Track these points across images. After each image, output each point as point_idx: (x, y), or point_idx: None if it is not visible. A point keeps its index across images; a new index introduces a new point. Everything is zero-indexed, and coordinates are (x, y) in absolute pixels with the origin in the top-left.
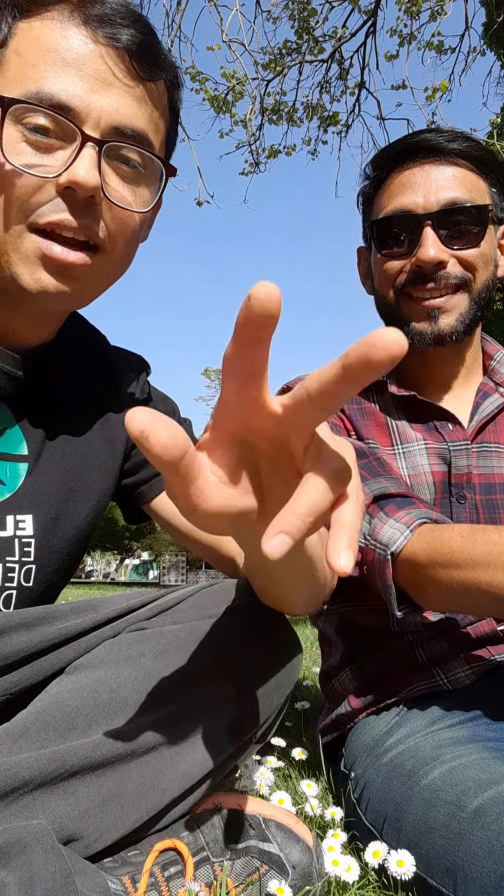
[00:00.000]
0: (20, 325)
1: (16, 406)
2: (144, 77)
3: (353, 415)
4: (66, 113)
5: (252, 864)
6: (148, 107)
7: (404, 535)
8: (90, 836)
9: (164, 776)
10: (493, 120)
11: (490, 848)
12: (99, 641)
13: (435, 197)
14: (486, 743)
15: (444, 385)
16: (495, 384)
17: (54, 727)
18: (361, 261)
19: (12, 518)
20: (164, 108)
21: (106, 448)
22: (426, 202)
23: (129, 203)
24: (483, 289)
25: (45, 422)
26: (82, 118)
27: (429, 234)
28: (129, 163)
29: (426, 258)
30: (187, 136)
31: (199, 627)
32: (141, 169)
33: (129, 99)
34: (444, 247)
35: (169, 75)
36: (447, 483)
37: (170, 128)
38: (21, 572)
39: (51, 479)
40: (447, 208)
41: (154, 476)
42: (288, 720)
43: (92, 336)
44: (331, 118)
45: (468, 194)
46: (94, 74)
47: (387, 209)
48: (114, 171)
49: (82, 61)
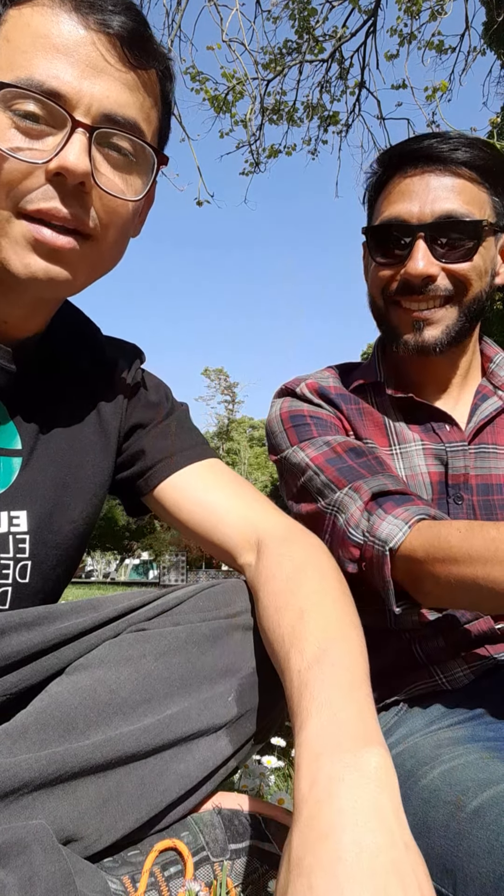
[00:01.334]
0: (11, 315)
1: (9, 399)
2: (136, 64)
3: (351, 415)
4: (57, 99)
5: (252, 864)
6: (139, 95)
7: (403, 531)
8: (90, 837)
9: (164, 777)
10: (493, 120)
11: (489, 848)
12: (99, 642)
13: (430, 208)
14: (486, 743)
15: (441, 387)
16: (494, 387)
17: (54, 728)
18: (366, 255)
19: (6, 514)
20: (155, 98)
21: (100, 441)
22: (421, 213)
23: (121, 191)
24: (474, 301)
25: (39, 416)
26: (73, 104)
27: (420, 247)
28: (121, 151)
29: (414, 272)
30: (187, 136)
31: (199, 629)
32: (132, 157)
33: (120, 86)
34: (434, 260)
35: (161, 65)
36: (444, 484)
37: (162, 119)
38: (16, 569)
39: (45, 474)
40: (441, 221)
41: (150, 468)
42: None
43: (85, 327)
44: (331, 118)
45: (465, 207)
46: (85, 60)
47: (383, 216)
48: (105, 158)
49: (73, 47)
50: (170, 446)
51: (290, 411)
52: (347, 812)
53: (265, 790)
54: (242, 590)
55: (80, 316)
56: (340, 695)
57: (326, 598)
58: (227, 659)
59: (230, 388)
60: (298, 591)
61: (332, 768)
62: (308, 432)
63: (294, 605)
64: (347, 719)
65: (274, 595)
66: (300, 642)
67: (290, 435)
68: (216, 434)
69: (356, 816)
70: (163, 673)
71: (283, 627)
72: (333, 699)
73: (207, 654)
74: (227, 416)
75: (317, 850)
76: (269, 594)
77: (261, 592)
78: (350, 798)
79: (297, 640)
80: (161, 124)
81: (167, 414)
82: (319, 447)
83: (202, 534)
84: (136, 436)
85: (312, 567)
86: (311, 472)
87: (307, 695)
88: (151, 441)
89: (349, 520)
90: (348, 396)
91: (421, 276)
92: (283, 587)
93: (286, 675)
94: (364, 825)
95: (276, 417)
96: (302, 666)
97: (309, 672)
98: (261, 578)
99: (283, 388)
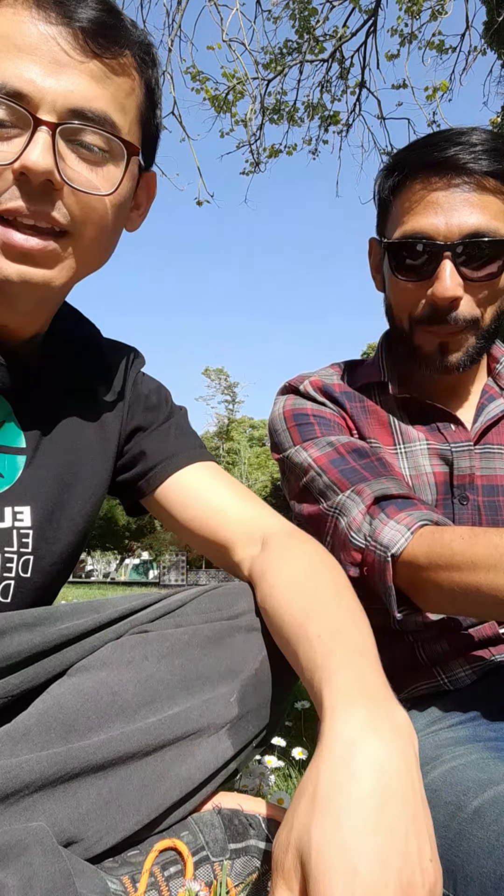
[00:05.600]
0: (9, 318)
1: (13, 399)
2: (101, 54)
3: (355, 413)
4: (20, 100)
5: (252, 863)
6: (110, 86)
7: (405, 536)
8: (90, 839)
9: (165, 779)
10: (494, 119)
11: (490, 848)
12: (101, 643)
13: (458, 223)
14: (487, 743)
15: (448, 388)
16: (500, 388)
17: (55, 729)
18: (373, 252)
19: (10, 510)
20: (131, 87)
21: (100, 442)
22: (448, 229)
23: (94, 186)
24: (491, 322)
25: (42, 415)
26: (36, 104)
27: (446, 267)
28: (91, 146)
29: (442, 295)
30: (187, 136)
31: (201, 631)
32: (103, 152)
33: (85, 79)
34: (460, 280)
35: (137, 51)
36: (449, 484)
37: (143, 106)
38: (19, 563)
39: (48, 472)
40: (468, 241)
41: (151, 468)
42: (288, 720)
43: (86, 329)
44: (331, 117)
45: (493, 222)
46: (48, 57)
47: (405, 228)
48: (75, 154)
49: (35, 45)
50: (170, 447)
51: (293, 409)
52: (380, 759)
53: (265, 790)
54: (245, 592)
55: (81, 318)
56: (364, 662)
57: (341, 587)
58: (229, 660)
59: (230, 387)
60: (315, 577)
61: (367, 717)
62: (311, 432)
63: (310, 588)
64: (374, 681)
65: (287, 578)
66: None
67: (292, 434)
68: (216, 434)
69: (388, 765)
70: (165, 675)
71: (298, 604)
72: (358, 663)
73: (210, 655)
74: (227, 415)
75: (349, 791)
76: (280, 577)
77: (270, 576)
78: (383, 746)
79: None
80: (143, 110)
81: (167, 417)
82: (322, 447)
83: (203, 530)
84: (137, 438)
85: (324, 561)
86: (313, 472)
87: (332, 655)
88: (152, 443)
89: (351, 523)
90: (352, 394)
91: (449, 300)
92: (298, 572)
93: (302, 642)
94: (394, 774)
95: (279, 415)
96: (322, 633)
97: (332, 640)
98: (270, 564)
99: (287, 385)
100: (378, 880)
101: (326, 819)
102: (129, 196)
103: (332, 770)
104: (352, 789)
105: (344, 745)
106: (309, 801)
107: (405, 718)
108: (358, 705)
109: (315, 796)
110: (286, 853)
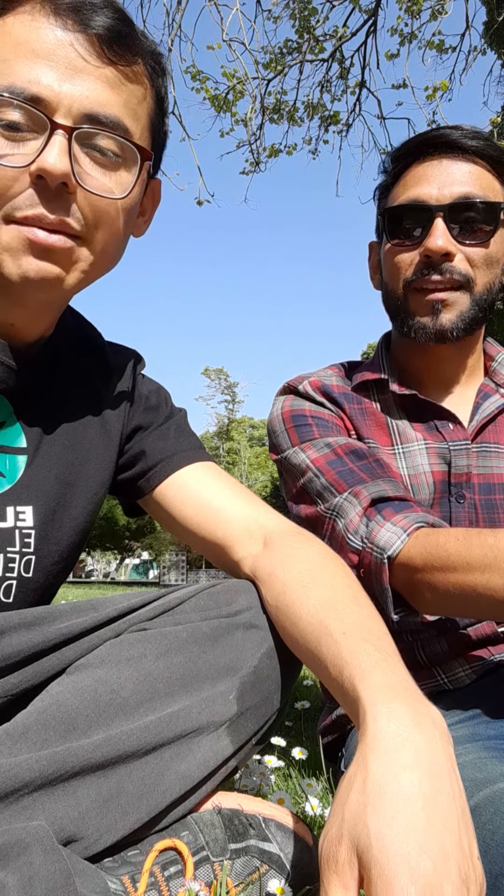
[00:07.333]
0: (18, 318)
1: (15, 399)
2: (116, 61)
3: (353, 414)
4: (37, 104)
5: (252, 863)
6: (123, 92)
7: (401, 538)
8: (90, 837)
9: (164, 777)
10: (494, 119)
11: (485, 847)
12: (100, 642)
13: (449, 190)
14: (486, 742)
15: (445, 385)
16: (496, 385)
17: (55, 728)
18: (372, 255)
19: (12, 509)
20: (143, 94)
21: (102, 441)
22: (440, 194)
23: (108, 190)
24: (485, 290)
25: (44, 416)
26: (53, 108)
27: (439, 225)
28: (104, 150)
29: (434, 247)
30: (187, 136)
31: (200, 628)
32: (117, 157)
33: (101, 84)
34: (452, 240)
35: (149, 60)
36: (447, 483)
37: (154, 114)
38: (21, 563)
39: (49, 472)
40: (459, 202)
41: (151, 468)
42: (288, 720)
43: (87, 331)
44: (331, 117)
45: (482, 191)
46: (64, 63)
47: (400, 199)
48: (89, 158)
49: (52, 50)
50: (170, 447)
51: (291, 410)
52: (428, 753)
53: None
54: (244, 589)
55: (83, 321)
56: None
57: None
58: (228, 657)
59: (230, 387)
60: (329, 574)
61: (410, 712)
62: (309, 433)
63: (326, 585)
64: (407, 678)
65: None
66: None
67: (291, 435)
68: (216, 434)
69: (436, 759)
70: (164, 672)
71: (315, 601)
72: (388, 660)
73: (209, 652)
74: (227, 415)
75: (402, 781)
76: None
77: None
78: (429, 742)
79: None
80: (153, 118)
81: (167, 417)
82: (320, 449)
83: (202, 529)
84: (137, 438)
85: (334, 559)
86: (311, 473)
87: (361, 651)
88: (152, 442)
89: (348, 525)
90: (351, 395)
91: (440, 252)
92: (310, 569)
93: (325, 639)
94: (441, 768)
95: (277, 416)
96: (346, 630)
97: (357, 636)
98: (279, 562)
99: (286, 385)
100: (441, 869)
101: (382, 807)
102: (139, 202)
103: (383, 761)
104: (404, 779)
105: (392, 737)
106: (359, 792)
107: (441, 716)
108: (398, 701)
109: (366, 787)
110: (339, 845)
